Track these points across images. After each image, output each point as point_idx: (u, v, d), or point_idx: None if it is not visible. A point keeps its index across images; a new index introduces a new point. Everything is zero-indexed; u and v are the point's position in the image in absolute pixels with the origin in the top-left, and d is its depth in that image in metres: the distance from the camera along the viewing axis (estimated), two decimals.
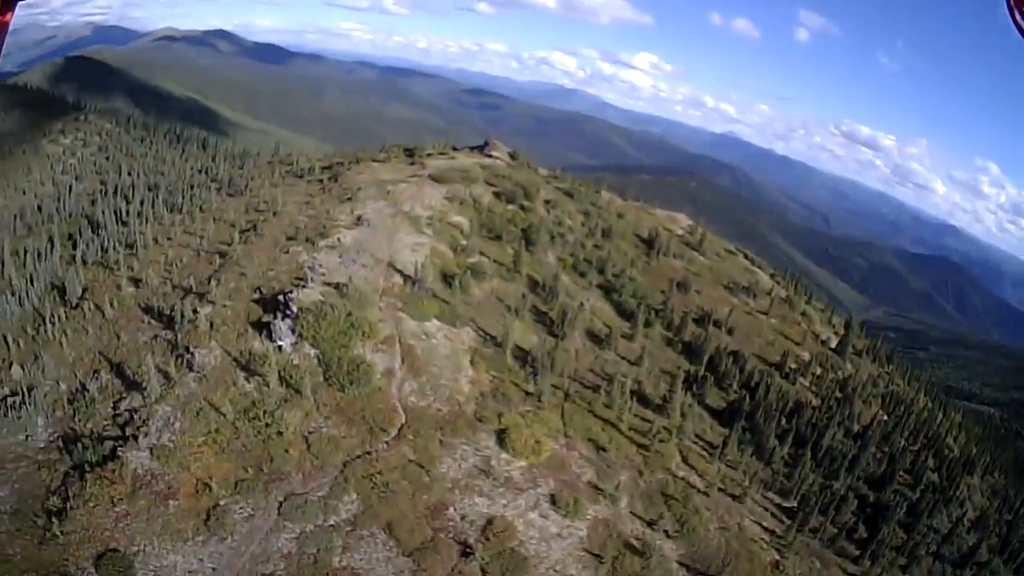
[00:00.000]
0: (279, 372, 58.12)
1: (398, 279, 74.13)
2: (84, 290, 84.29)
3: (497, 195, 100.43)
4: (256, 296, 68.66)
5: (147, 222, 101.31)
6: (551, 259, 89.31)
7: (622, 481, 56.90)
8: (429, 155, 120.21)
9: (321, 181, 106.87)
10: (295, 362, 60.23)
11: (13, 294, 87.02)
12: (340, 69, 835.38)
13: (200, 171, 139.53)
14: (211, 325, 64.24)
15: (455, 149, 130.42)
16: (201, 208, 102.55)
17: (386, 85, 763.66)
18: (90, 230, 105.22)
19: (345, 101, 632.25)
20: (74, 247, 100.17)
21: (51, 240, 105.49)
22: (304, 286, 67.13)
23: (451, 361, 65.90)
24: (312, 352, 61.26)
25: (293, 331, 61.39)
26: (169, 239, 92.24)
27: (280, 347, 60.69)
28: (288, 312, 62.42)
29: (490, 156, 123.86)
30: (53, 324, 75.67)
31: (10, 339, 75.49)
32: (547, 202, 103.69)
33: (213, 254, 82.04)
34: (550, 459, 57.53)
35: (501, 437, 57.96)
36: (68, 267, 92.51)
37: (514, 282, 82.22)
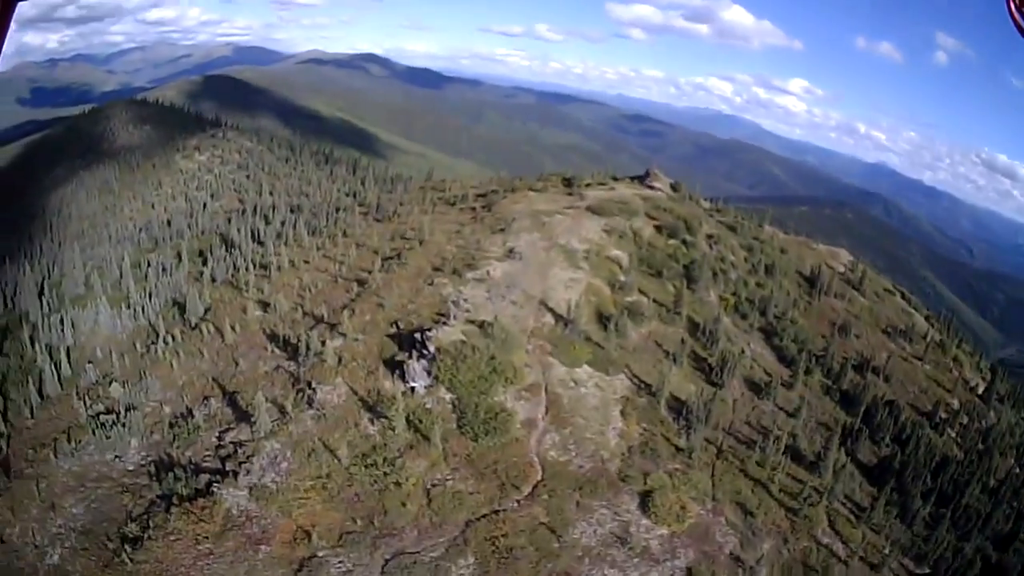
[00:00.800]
0: (407, 416, 58.12)
1: (549, 319, 73.42)
2: (206, 310, 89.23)
3: (658, 229, 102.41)
4: (392, 330, 69.61)
5: (285, 244, 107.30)
6: (712, 298, 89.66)
7: (765, 551, 54.41)
8: (588, 185, 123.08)
9: (474, 209, 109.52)
10: (427, 406, 60.09)
11: (128, 307, 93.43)
12: (497, 94, 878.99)
13: (348, 194, 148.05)
14: (339, 360, 65.78)
15: (615, 179, 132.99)
16: (344, 232, 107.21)
17: (545, 110, 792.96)
18: (223, 248, 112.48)
19: (504, 126, 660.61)
20: (204, 263, 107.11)
21: (179, 255, 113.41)
22: (445, 323, 67.49)
23: (600, 412, 63.92)
24: (447, 396, 60.93)
25: (428, 373, 61.32)
26: (306, 262, 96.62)
27: (412, 389, 60.87)
28: (425, 352, 62.56)
29: (651, 187, 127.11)
30: (167, 343, 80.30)
31: (116, 355, 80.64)
32: (709, 236, 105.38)
33: (351, 281, 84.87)
34: (694, 526, 54.70)
35: (645, 500, 55.43)
36: (194, 284, 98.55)
37: (673, 324, 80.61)
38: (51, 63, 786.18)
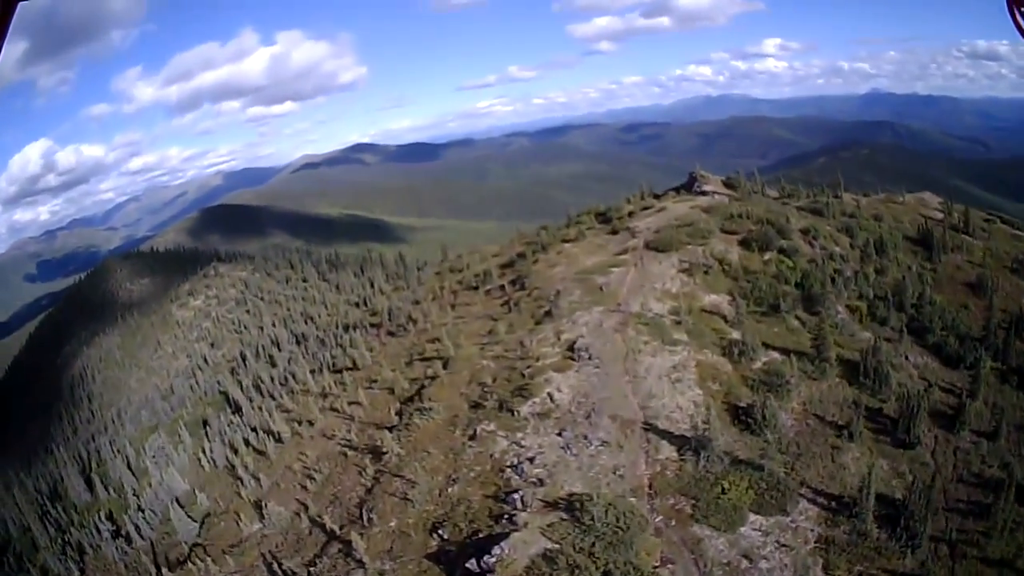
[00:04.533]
0: None
1: (668, 450, 46.04)
2: (202, 521, 67.80)
3: (745, 244, 79.21)
4: (433, 544, 41.99)
5: (291, 393, 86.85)
6: (843, 313, 67.75)
7: None
8: (630, 213, 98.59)
9: (503, 289, 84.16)
10: None
11: (127, 517, 76.34)
12: (494, 146, 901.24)
13: (356, 303, 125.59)
14: None
15: (656, 196, 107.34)
16: (354, 363, 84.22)
17: (544, 148, 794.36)
18: (227, 411, 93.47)
19: (509, 175, 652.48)
20: (206, 434, 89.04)
21: (179, 433, 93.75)
22: (511, 518, 39.84)
23: None
24: None
25: None
26: (311, 423, 73.35)
27: None
28: None
29: (703, 192, 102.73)
30: None
31: None
32: (805, 232, 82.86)
33: (364, 453, 59.43)
34: None
35: None
36: (195, 473, 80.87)
37: (825, 378, 55.52)
38: (49, 235, 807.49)
